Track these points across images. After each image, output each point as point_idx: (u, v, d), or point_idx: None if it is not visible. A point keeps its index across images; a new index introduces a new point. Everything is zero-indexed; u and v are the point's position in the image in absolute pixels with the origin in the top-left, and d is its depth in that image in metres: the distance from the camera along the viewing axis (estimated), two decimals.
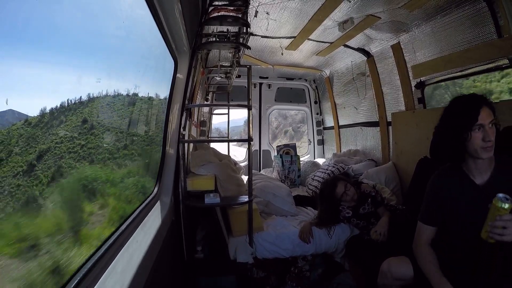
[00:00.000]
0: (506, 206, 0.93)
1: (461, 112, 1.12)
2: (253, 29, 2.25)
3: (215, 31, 1.83)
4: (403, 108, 2.56)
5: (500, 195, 0.95)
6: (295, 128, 10.83)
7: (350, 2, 1.88)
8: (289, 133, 10.81)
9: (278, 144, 3.88)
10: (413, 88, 2.43)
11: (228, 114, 3.76)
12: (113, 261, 0.93)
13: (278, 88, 4.15)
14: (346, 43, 2.69)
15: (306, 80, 4.15)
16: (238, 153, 5.10)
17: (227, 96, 3.59)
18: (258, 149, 4.14)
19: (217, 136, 4.92)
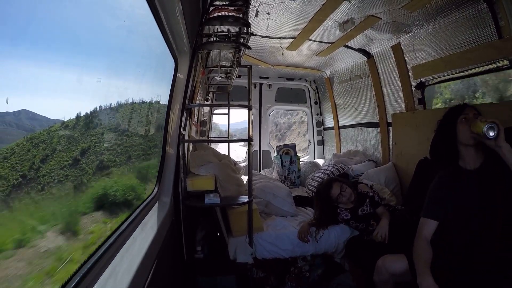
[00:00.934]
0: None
1: (450, 112, 1.38)
2: (253, 29, 2.24)
3: (215, 31, 1.83)
4: (403, 108, 2.56)
5: None
6: (282, 134, 14.39)
7: (350, 2, 1.88)
8: (277, 137, 14.10)
9: (278, 144, 3.87)
10: (413, 89, 2.43)
11: (228, 114, 3.76)
12: (113, 261, 0.93)
13: (278, 88, 4.14)
14: (346, 44, 2.69)
15: (306, 81, 4.15)
16: (241, 152, 5.08)
17: (227, 96, 3.58)
18: (258, 149, 4.13)
19: (221, 136, 4.91)
